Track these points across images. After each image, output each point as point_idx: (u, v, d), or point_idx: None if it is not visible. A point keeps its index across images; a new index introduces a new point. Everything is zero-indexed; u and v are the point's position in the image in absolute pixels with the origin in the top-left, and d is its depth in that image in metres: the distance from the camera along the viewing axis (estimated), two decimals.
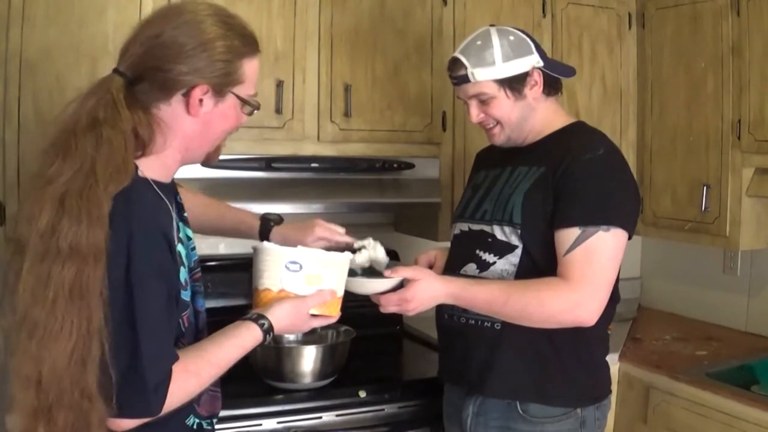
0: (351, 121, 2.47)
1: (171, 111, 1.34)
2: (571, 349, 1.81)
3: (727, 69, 2.59)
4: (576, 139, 1.85)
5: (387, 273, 1.71)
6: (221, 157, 2.21)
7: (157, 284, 1.28)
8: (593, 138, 1.87)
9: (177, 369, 1.30)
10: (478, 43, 1.84)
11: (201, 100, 1.34)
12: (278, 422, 2.06)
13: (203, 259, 2.56)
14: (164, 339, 1.30)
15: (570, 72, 1.98)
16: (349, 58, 2.47)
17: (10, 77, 2.04)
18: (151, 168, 1.34)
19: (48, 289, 1.19)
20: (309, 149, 2.42)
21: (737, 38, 2.55)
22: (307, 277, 1.52)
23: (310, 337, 2.35)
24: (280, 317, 1.47)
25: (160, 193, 1.35)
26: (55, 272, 1.19)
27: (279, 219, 1.86)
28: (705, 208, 2.66)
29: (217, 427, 1.95)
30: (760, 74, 2.48)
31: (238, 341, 1.41)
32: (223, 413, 1.96)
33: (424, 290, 1.70)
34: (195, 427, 1.46)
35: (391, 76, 2.53)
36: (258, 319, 1.45)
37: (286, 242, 1.68)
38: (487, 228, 1.86)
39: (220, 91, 1.35)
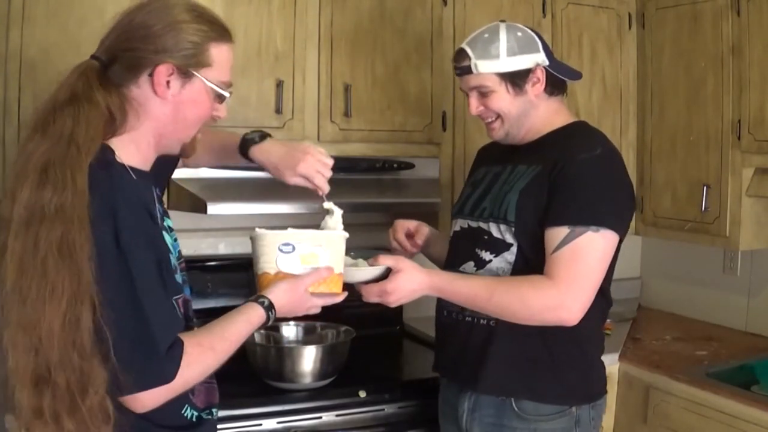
0: (351, 121, 2.48)
1: (141, 92, 1.37)
2: (564, 349, 1.80)
3: (727, 69, 2.59)
4: (574, 138, 1.85)
5: (369, 262, 1.72)
6: None
7: (147, 252, 1.31)
8: (591, 138, 1.86)
9: (190, 343, 1.33)
10: (486, 36, 1.84)
11: (168, 82, 1.36)
12: (278, 422, 2.06)
13: (203, 259, 2.59)
14: (166, 304, 1.33)
15: (576, 75, 1.97)
16: (349, 58, 2.47)
17: (10, 77, 2.04)
18: (127, 153, 1.37)
19: (37, 252, 1.23)
20: None
21: (737, 38, 2.55)
22: (302, 257, 1.54)
23: (310, 337, 2.35)
24: (278, 296, 1.50)
25: (134, 177, 1.38)
26: (42, 235, 1.23)
27: (260, 138, 1.73)
28: (705, 208, 2.66)
29: (217, 427, 1.96)
30: (760, 74, 2.48)
31: (245, 317, 1.46)
32: (223, 413, 1.96)
33: (405, 282, 1.70)
34: (194, 419, 1.47)
35: (391, 76, 2.53)
36: (258, 298, 1.49)
37: (265, 166, 1.68)
38: (484, 225, 1.86)
39: (185, 72, 1.37)
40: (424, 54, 2.58)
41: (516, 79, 1.83)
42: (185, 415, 1.45)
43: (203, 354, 1.36)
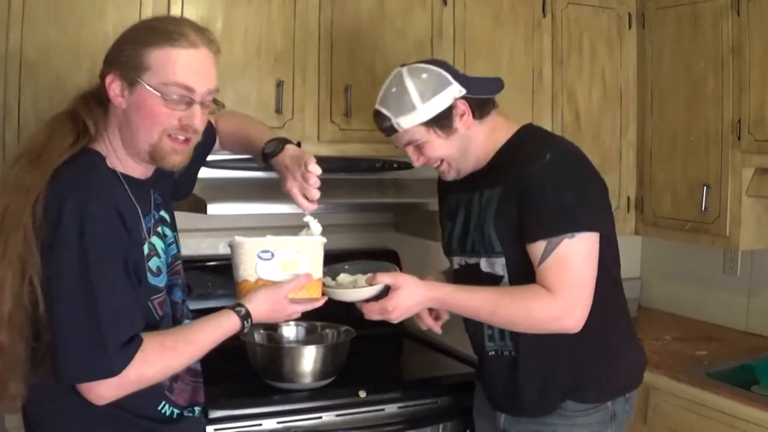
0: (351, 121, 2.47)
1: (111, 104, 1.47)
2: (590, 354, 1.80)
3: (727, 69, 2.59)
4: (523, 150, 1.80)
5: (367, 279, 1.71)
6: (222, 157, 2.24)
7: (113, 248, 1.36)
8: (538, 145, 1.81)
9: (152, 342, 1.37)
10: (393, 90, 1.79)
11: (122, 91, 1.43)
12: (278, 422, 2.05)
13: (203, 259, 2.59)
14: (125, 301, 1.36)
15: (497, 87, 1.88)
16: (349, 58, 2.47)
17: (10, 77, 2.04)
18: (117, 161, 1.46)
19: None
20: (309, 149, 2.41)
21: (737, 38, 2.55)
22: (282, 263, 1.55)
23: (310, 337, 2.35)
24: (257, 304, 1.52)
25: (125, 183, 1.45)
26: None
27: (279, 148, 1.77)
28: (705, 208, 2.66)
29: (217, 427, 1.97)
30: (760, 74, 2.48)
31: (216, 322, 1.49)
32: (223, 413, 1.98)
33: (405, 298, 1.70)
34: (175, 416, 1.50)
35: None
36: (235, 306, 1.52)
37: (279, 171, 1.74)
38: (477, 260, 1.85)
39: (125, 77, 1.42)
40: (424, 54, 2.57)
41: (441, 122, 1.78)
42: (162, 411, 1.48)
43: (163, 353, 1.39)
